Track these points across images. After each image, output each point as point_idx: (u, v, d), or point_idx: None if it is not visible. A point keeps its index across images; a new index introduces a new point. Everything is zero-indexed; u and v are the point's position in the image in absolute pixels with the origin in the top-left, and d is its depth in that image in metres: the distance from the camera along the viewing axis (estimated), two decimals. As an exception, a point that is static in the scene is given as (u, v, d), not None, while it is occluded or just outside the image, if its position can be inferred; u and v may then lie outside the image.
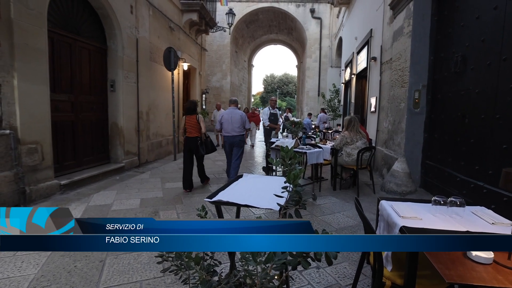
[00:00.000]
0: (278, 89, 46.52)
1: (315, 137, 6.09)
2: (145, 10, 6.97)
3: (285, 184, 1.15)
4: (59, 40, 4.76)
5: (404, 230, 1.56)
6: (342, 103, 12.71)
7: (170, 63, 7.49)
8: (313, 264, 2.34)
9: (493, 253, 1.31)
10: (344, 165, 4.76)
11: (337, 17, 14.33)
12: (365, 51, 8.12)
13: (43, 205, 3.86)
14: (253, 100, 38.65)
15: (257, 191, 1.96)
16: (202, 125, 4.84)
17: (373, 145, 6.20)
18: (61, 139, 4.83)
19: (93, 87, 5.61)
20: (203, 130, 4.85)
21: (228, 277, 1.04)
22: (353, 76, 9.80)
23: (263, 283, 0.93)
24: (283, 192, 1.17)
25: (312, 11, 16.15)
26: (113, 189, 4.80)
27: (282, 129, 7.99)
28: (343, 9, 12.32)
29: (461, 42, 3.79)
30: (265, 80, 49.40)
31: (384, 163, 5.74)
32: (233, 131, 5.09)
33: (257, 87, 58.86)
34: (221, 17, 13.57)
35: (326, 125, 11.55)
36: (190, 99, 6.54)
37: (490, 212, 1.83)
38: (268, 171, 5.30)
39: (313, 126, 11.00)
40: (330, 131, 9.14)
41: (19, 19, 3.75)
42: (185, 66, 9.37)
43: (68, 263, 2.49)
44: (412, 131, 4.80)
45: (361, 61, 8.67)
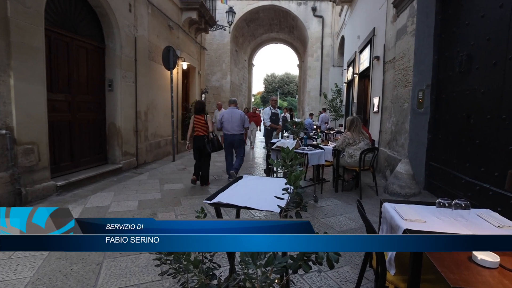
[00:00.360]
0: (279, 88, 46.32)
1: (316, 137, 6.05)
2: (143, 8, 6.89)
3: (285, 185, 1.14)
4: (56, 38, 4.71)
5: (407, 233, 1.54)
6: (344, 103, 12.60)
7: (169, 62, 7.43)
8: (314, 267, 2.25)
9: (499, 257, 1.27)
10: (346, 166, 4.72)
11: (339, 16, 14.23)
12: (367, 50, 8.04)
13: (40, 206, 3.80)
14: (253, 100, 38.59)
15: (257, 193, 1.93)
16: (209, 125, 5.11)
17: (376, 146, 6.13)
18: (58, 139, 4.76)
19: (90, 87, 5.55)
20: (210, 129, 5.10)
21: (227, 281, 1.04)
22: (355, 75, 9.70)
23: (263, 286, 0.92)
24: (283, 194, 1.16)
25: (313, 10, 15.99)
26: (111, 190, 4.74)
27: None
28: (345, 7, 12.23)
29: (466, 41, 3.73)
30: (265, 79, 49.26)
31: (387, 165, 5.67)
32: (233, 130, 5.37)
33: (258, 87, 58.79)
34: (221, 15, 13.47)
35: (327, 125, 11.49)
36: (198, 100, 6.77)
37: (496, 214, 1.78)
38: (268, 172, 5.30)
39: (315, 126, 10.93)
40: (332, 132, 9.07)
41: (15, 17, 3.70)
42: (184, 65, 9.31)
43: (64, 266, 2.45)
44: (416, 131, 4.73)
45: (364, 60, 8.59)
